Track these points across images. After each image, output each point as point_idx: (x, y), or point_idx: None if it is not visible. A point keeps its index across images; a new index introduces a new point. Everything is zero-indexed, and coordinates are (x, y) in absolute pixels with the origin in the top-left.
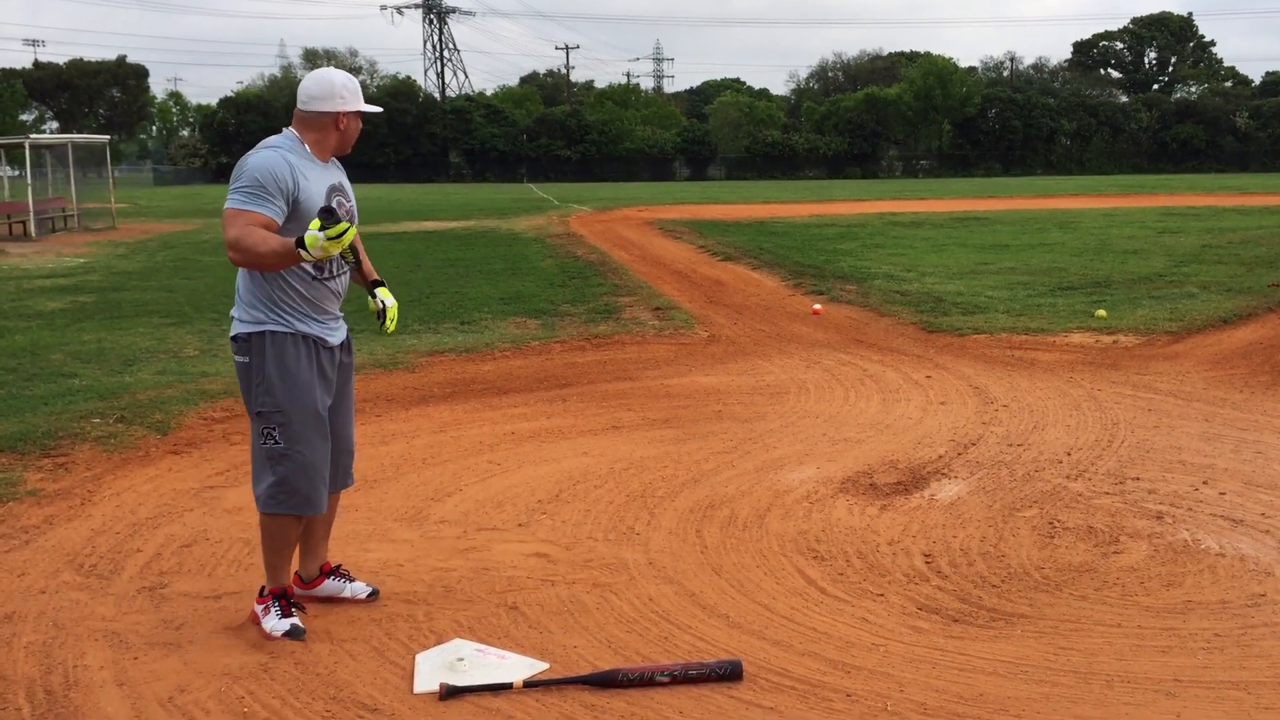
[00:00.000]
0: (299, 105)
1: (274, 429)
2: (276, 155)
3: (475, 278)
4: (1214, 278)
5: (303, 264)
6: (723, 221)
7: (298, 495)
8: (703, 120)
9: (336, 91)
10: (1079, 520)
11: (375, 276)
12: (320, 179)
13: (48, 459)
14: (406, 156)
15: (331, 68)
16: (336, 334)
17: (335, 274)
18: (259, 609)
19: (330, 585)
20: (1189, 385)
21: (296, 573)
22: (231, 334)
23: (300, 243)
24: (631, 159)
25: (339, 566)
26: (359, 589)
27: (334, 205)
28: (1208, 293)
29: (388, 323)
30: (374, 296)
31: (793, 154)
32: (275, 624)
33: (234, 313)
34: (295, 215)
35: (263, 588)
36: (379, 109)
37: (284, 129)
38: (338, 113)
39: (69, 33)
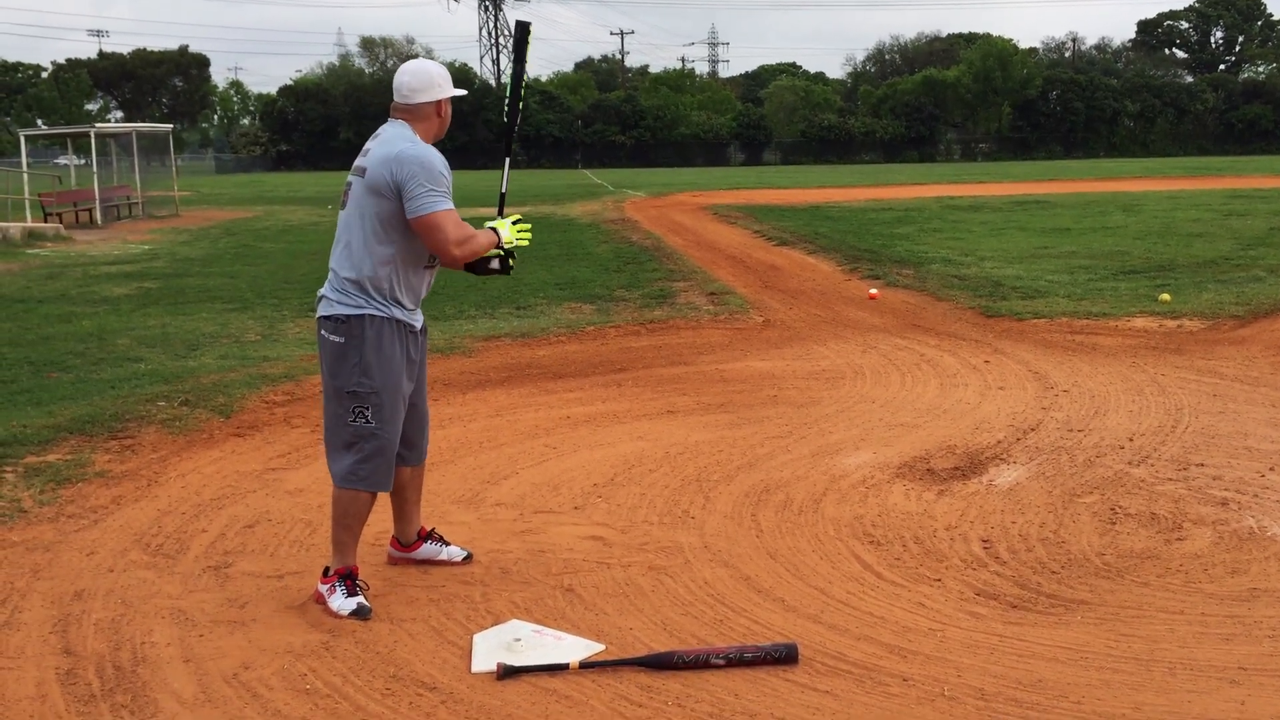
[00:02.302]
0: (400, 99)
1: (366, 409)
2: (438, 153)
3: (531, 263)
4: None
5: (421, 256)
6: (778, 206)
7: (378, 474)
8: (758, 105)
9: (435, 81)
10: (1141, 506)
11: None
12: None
13: (115, 441)
14: (462, 143)
15: (422, 59)
16: (419, 319)
17: (434, 263)
18: (324, 588)
19: (428, 549)
20: (1255, 370)
21: (394, 537)
22: (326, 314)
23: (495, 233)
24: (686, 144)
25: (434, 530)
26: (454, 552)
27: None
28: (1276, 276)
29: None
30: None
31: (849, 138)
32: (342, 603)
33: (327, 293)
34: None
35: (327, 568)
36: (465, 91)
37: (392, 123)
38: (438, 100)
39: (132, 23)
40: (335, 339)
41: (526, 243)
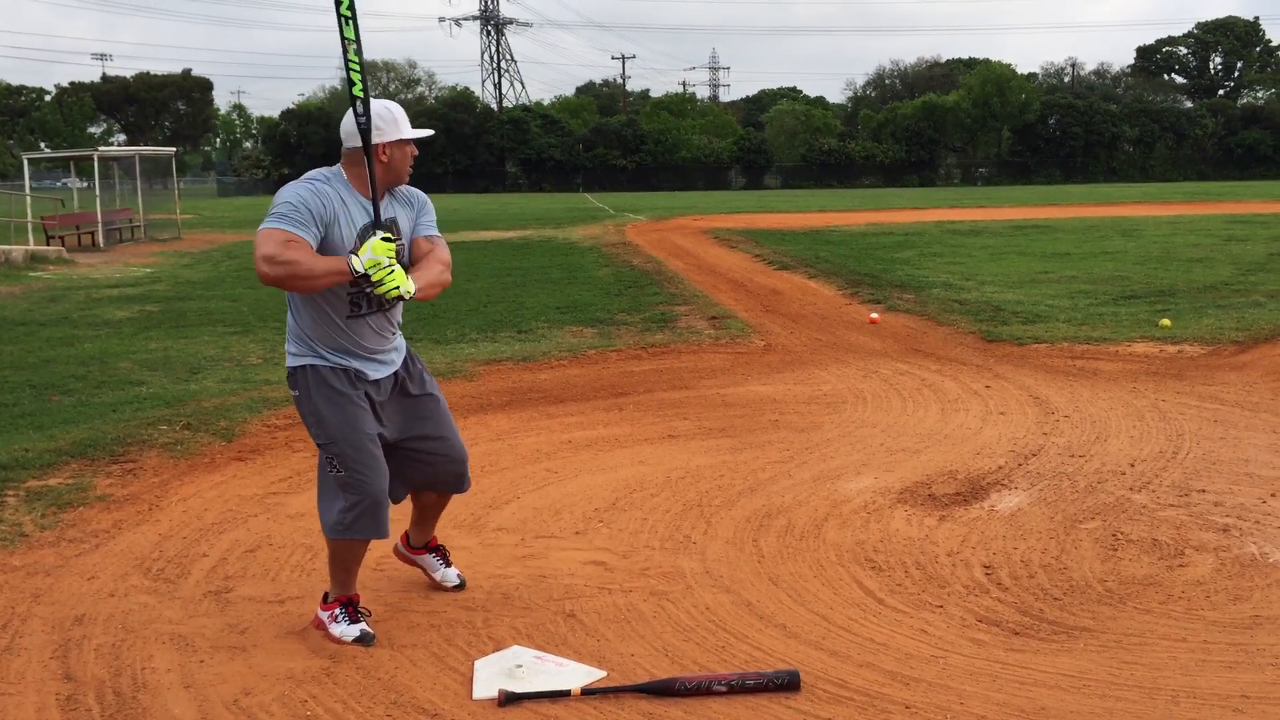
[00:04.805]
0: (343, 143)
1: (333, 459)
2: (314, 185)
3: (532, 287)
4: None
5: (333, 304)
6: (779, 230)
7: (362, 522)
8: (759, 129)
9: (372, 123)
10: (1143, 533)
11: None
12: (359, 214)
13: (116, 465)
14: (464, 166)
15: (371, 100)
16: (383, 369)
17: (373, 309)
18: (324, 615)
19: (428, 560)
20: (1256, 395)
21: (406, 533)
22: (286, 374)
23: (354, 255)
24: (687, 168)
25: (443, 548)
26: (450, 575)
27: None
28: (1275, 301)
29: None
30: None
31: (849, 162)
32: (345, 629)
33: (286, 346)
34: (325, 246)
35: (326, 594)
36: (428, 133)
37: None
38: (376, 145)
39: (136, 47)
40: (293, 392)
41: (394, 286)
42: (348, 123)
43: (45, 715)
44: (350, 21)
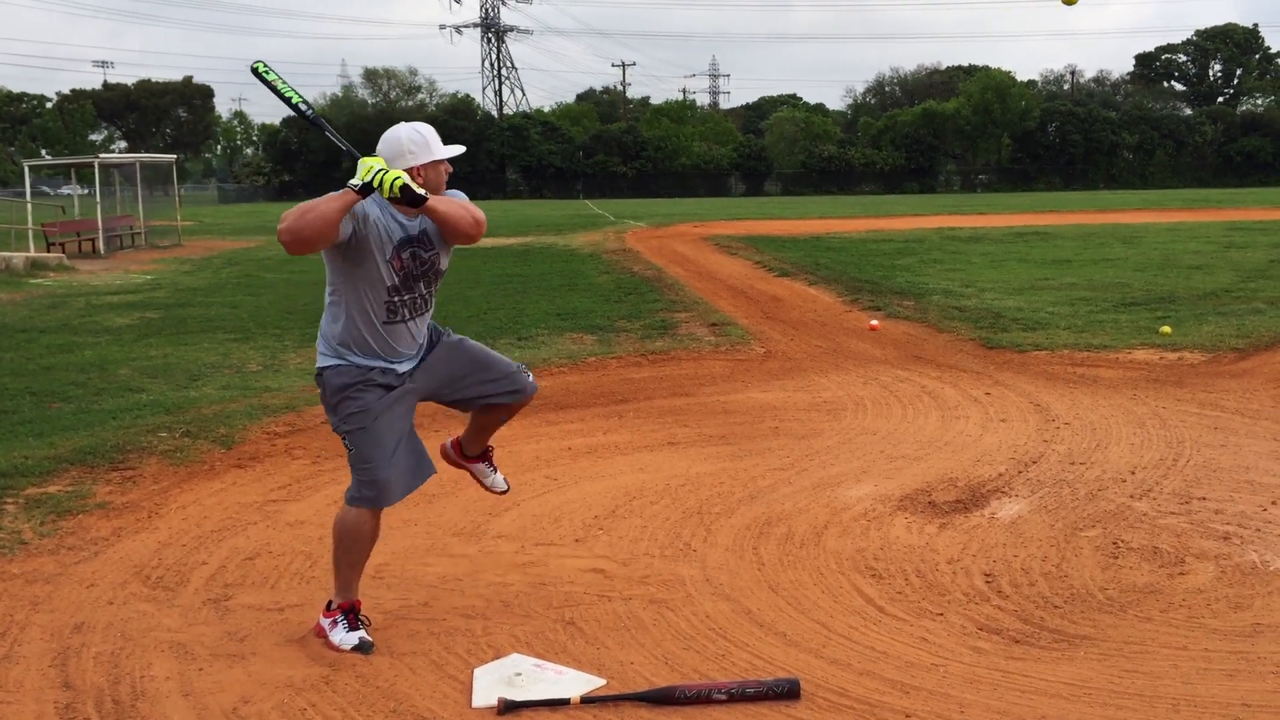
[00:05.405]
0: None
1: (353, 448)
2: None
3: (532, 293)
4: None
5: (375, 310)
6: (779, 237)
7: (371, 490)
8: (759, 136)
9: (404, 149)
10: (1143, 540)
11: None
12: (395, 228)
13: (116, 472)
14: (464, 173)
15: (400, 125)
16: (411, 361)
17: (411, 316)
18: (325, 622)
19: (480, 468)
20: (1256, 403)
21: (459, 440)
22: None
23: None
24: (687, 175)
25: (490, 449)
26: (499, 481)
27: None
28: (1276, 308)
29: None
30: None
31: (849, 169)
32: (344, 637)
33: (317, 347)
34: (358, 244)
35: (330, 602)
36: (459, 150)
37: None
38: (411, 169)
39: (137, 54)
40: (320, 390)
41: (394, 179)
42: (383, 148)
43: None
44: (275, 88)
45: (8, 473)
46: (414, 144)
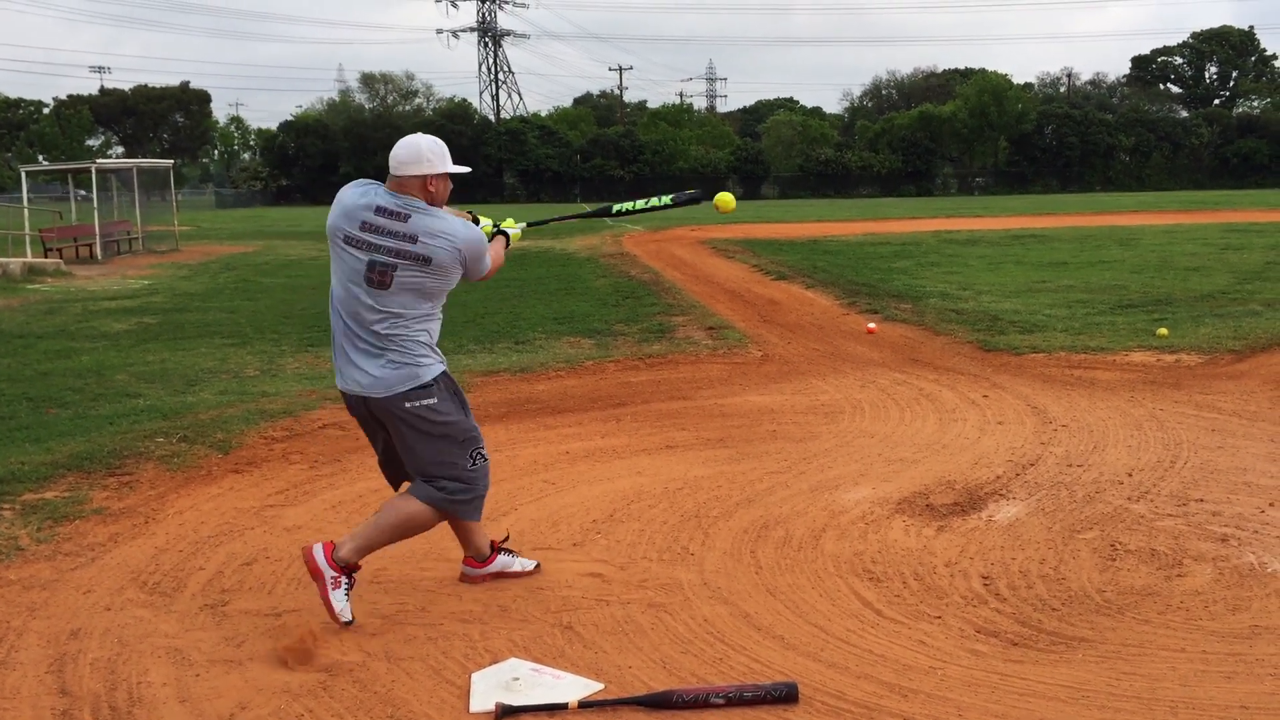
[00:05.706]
0: (391, 169)
1: (474, 453)
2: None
3: (530, 298)
4: (1279, 295)
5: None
6: (776, 240)
7: (475, 504)
8: (756, 139)
9: (424, 156)
10: (1141, 543)
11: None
12: None
13: (113, 477)
14: (462, 177)
15: (420, 134)
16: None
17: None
18: (331, 576)
19: (503, 560)
20: (1254, 405)
21: (467, 560)
22: (412, 387)
23: (503, 233)
24: (685, 178)
25: (497, 542)
26: (527, 563)
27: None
28: (1273, 310)
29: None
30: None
31: (846, 172)
32: (343, 606)
33: (383, 371)
34: None
35: (342, 561)
36: (467, 169)
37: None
38: (426, 176)
39: (134, 60)
40: (428, 402)
41: (514, 230)
42: (402, 153)
43: None
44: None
45: (4, 478)
46: (433, 154)
